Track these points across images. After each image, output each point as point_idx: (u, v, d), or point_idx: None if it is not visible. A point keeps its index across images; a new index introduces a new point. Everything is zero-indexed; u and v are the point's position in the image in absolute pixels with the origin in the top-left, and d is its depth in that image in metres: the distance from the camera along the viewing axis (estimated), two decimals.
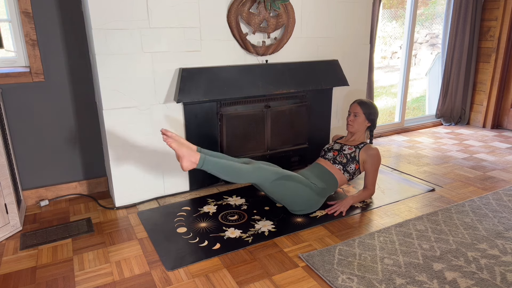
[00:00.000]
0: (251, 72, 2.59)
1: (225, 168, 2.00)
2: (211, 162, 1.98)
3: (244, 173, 2.03)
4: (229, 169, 2.00)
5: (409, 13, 3.83)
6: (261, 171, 2.07)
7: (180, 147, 1.93)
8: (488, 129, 4.23)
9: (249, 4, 2.48)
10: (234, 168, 2.01)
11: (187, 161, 1.93)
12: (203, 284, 1.69)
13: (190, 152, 1.94)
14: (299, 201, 2.20)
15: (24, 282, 1.73)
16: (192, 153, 1.94)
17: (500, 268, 1.76)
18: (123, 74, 2.26)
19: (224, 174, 2.00)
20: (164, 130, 1.93)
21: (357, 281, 1.67)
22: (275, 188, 2.12)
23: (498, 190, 2.60)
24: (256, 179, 2.06)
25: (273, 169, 2.13)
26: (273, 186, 2.11)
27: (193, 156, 1.94)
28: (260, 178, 2.07)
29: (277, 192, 2.15)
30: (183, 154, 1.92)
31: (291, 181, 2.15)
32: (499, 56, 4.01)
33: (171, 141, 1.92)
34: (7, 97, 2.30)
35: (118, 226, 2.20)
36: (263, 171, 2.08)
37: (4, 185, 2.02)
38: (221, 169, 1.99)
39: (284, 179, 2.13)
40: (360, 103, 2.44)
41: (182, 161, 1.93)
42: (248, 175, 2.04)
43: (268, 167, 2.12)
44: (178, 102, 2.36)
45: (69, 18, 2.35)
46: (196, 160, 1.95)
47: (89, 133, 2.58)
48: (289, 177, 2.15)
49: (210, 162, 1.98)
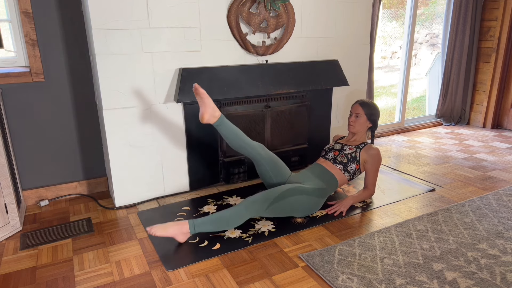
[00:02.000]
0: (251, 72, 2.59)
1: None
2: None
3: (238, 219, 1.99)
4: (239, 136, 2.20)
5: (409, 13, 3.83)
6: (252, 206, 2.02)
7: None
8: (488, 129, 4.23)
9: (249, 4, 2.48)
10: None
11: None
12: (203, 284, 1.69)
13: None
14: (298, 209, 2.19)
15: (24, 282, 1.73)
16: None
17: (500, 268, 1.76)
18: (123, 74, 2.26)
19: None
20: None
21: (357, 281, 1.67)
22: (272, 213, 2.11)
23: (498, 190, 2.60)
24: (251, 215, 2.03)
25: (263, 196, 2.06)
26: (270, 212, 2.10)
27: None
28: (254, 213, 2.04)
29: (276, 214, 2.14)
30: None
31: (284, 199, 2.10)
32: (499, 56, 4.01)
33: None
34: (7, 97, 2.30)
35: (118, 226, 2.20)
36: (254, 206, 2.02)
37: (4, 185, 2.02)
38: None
39: (278, 200, 2.08)
40: (362, 103, 2.44)
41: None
42: (242, 217, 2.00)
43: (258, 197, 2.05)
44: (178, 102, 2.36)
45: (69, 18, 2.35)
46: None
47: (89, 133, 2.58)
48: (281, 196, 2.10)
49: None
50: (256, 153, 2.24)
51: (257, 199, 2.05)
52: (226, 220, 1.98)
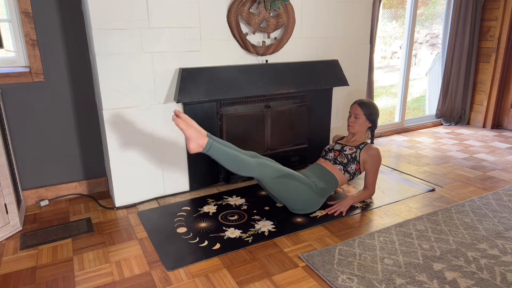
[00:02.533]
0: (251, 72, 2.59)
1: (230, 157, 2.02)
2: (217, 148, 2.00)
3: (248, 165, 2.04)
4: (234, 159, 2.02)
5: (409, 13, 3.83)
6: (264, 167, 2.08)
7: (188, 128, 1.95)
8: (488, 129, 4.23)
9: (249, 4, 2.48)
10: (238, 158, 2.03)
11: (194, 143, 1.96)
12: (203, 284, 1.69)
13: (198, 135, 1.97)
14: (299, 199, 2.19)
15: (24, 282, 1.73)
16: (200, 136, 1.97)
17: (500, 268, 1.76)
18: (123, 74, 2.26)
19: (228, 162, 2.02)
20: (178, 111, 1.97)
21: (357, 281, 1.67)
22: (276, 185, 2.12)
23: (498, 190, 2.59)
24: (258, 173, 2.07)
25: (276, 166, 2.13)
26: (274, 183, 2.11)
27: (200, 139, 1.97)
28: (262, 173, 2.08)
29: (278, 189, 2.15)
30: (190, 135, 1.95)
31: (292, 180, 2.15)
32: (499, 56, 4.01)
33: (179, 121, 1.94)
34: (7, 97, 2.30)
35: (118, 226, 2.20)
36: (266, 167, 2.09)
37: (4, 185, 2.02)
38: (226, 157, 2.01)
39: (286, 177, 2.13)
40: (361, 104, 2.44)
41: (189, 143, 1.96)
42: (250, 168, 2.05)
43: (272, 164, 2.13)
44: (178, 102, 2.36)
45: (69, 18, 2.35)
46: (203, 144, 1.97)
47: (89, 133, 2.58)
48: (290, 175, 2.16)
49: (216, 148, 2.00)
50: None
51: (272, 165, 2.10)
52: (238, 162, 2.00)
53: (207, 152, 2.00)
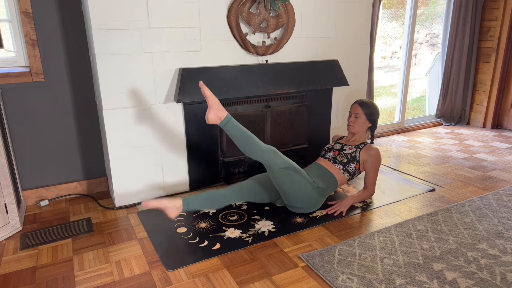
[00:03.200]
0: (251, 72, 2.59)
1: (245, 135, 2.07)
2: (234, 124, 2.06)
3: (260, 148, 2.07)
4: (248, 138, 2.07)
5: (409, 13, 3.83)
6: (274, 154, 2.11)
7: (213, 97, 2.02)
8: (488, 129, 4.23)
9: (249, 4, 2.48)
10: (252, 139, 2.08)
11: (214, 114, 2.02)
12: (203, 284, 1.69)
13: (220, 107, 2.03)
14: (300, 196, 2.19)
15: (24, 282, 1.73)
16: (221, 109, 2.03)
17: (500, 268, 1.76)
18: (123, 74, 2.26)
19: (242, 140, 2.07)
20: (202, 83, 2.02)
21: (357, 281, 1.67)
22: (281, 175, 2.12)
23: (498, 190, 2.60)
24: (267, 159, 2.09)
25: (285, 158, 2.15)
26: (280, 172, 2.12)
27: (220, 111, 2.03)
28: (271, 160, 2.10)
29: (282, 181, 2.14)
30: (213, 104, 2.01)
31: (297, 174, 2.15)
32: (499, 56, 4.01)
33: (206, 89, 2.00)
34: (7, 97, 2.30)
35: (118, 226, 2.20)
36: (276, 155, 2.11)
37: (4, 185, 2.02)
38: (241, 135, 2.06)
39: (292, 170, 2.14)
40: (361, 103, 2.44)
41: (209, 112, 2.02)
42: (261, 152, 2.08)
43: (282, 155, 2.15)
44: (178, 102, 2.37)
45: (69, 18, 2.35)
46: (222, 116, 2.03)
47: (89, 133, 2.58)
48: (297, 170, 2.16)
49: (234, 123, 2.06)
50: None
51: (281, 155, 2.13)
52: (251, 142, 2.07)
53: (224, 126, 2.06)
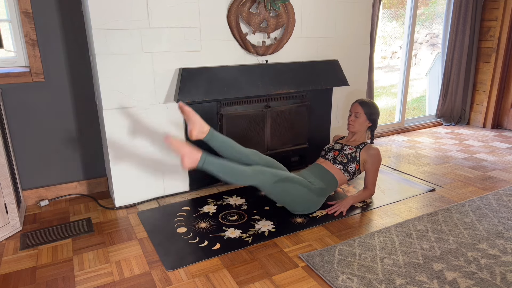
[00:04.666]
0: (251, 72, 2.59)
1: (226, 169, 2.01)
2: (211, 162, 1.99)
3: (245, 176, 2.04)
4: (230, 172, 2.02)
5: (409, 13, 3.83)
6: (261, 174, 2.08)
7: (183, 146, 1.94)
8: (488, 129, 4.23)
9: (249, 4, 2.48)
10: (234, 169, 2.03)
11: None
12: (203, 284, 1.69)
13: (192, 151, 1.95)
14: (299, 202, 2.20)
15: (24, 282, 1.73)
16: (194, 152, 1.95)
17: (500, 268, 1.76)
18: (123, 74, 2.26)
19: (225, 176, 2.03)
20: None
21: (357, 281, 1.67)
22: (274, 190, 2.13)
23: (498, 190, 2.59)
24: (257, 182, 2.08)
25: (273, 171, 2.13)
26: (272, 188, 2.12)
27: (194, 154, 1.95)
28: (260, 181, 2.08)
29: (278, 195, 2.16)
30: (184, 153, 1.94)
31: (289, 183, 2.15)
32: (499, 56, 4.01)
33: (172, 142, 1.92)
34: (7, 97, 2.30)
35: (118, 226, 2.20)
36: (263, 175, 2.08)
37: (4, 185, 2.02)
38: (222, 170, 2.01)
39: (284, 182, 2.13)
40: (362, 103, 2.44)
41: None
42: (248, 178, 2.05)
43: (268, 170, 2.12)
44: (178, 102, 2.36)
45: (69, 18, 2.35)
46: (197, 159, 1.96)
47: (89, 133, 2.58)
48: (288, 179, 2.15)
49: (210, 162, 1.99)
50: (250, 161, 2.22)
51: (267, 171, 2.11)
52: (233, 172, 2.02)
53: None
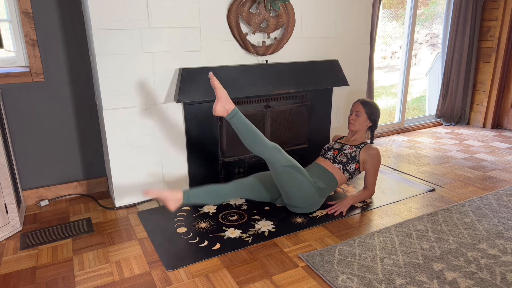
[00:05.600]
0: (251, 72, 2.59)
1: (250, 130, 2.08)
2: (241, 118, 2.08)
3: (263, 143, 2.07)
4: (253, 133, 2.07)
5: (409, 13, 3.83)
6: (277, 151, 2.10)
7: (222, 89, 2.04)
8: (488, 129, 4.23)
9: (249, 4, 2.48)
10: (257, 134, 2.08)
11: (221, 106, 2.05)
12: (203, 284, 1.69)
13: (228, 100, 2.05)
14: (301, 196, 2.18)
15: (24, 282, 1.73)
16: (229, 101, 2.06)
17: (500, 268, 1.76)
18: (123, 74, 2.26)
19: (247, 134, 2.07)
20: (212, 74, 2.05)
21: (357, 281, 1.67)
22: (283, 173, 2.12)
23: (498, 190, 2.60)
24: (270, 156, 2.09)
25: (288, 156, 2.15)
26: (282, 170, 2.11)
27: (228, 104, 2.05)
28: (274, 157, 2.09)
29: (284, 179, 2.14)
30: (221, 96, 2.03)
31: (299, 173, 2.15)
32: (499, 56, 4.01)
33: (215, 80, 2.03)
34: (7, 97, 2.30)
35: (118, 226, 2.20)
36: (279, 153, 2.11)
37: (4, 185, 2.02)
38: (246, 129, 2.08)
39: (294, 169, 2.13)
40: (363, 102, 2.45)
41: (217, 104, 2.04)
42: (265, 147, 2.08)
43: (285, 153, 2.15)
44: (178, 102, 2.37)
45: (69, 18, 2.35)
46: (230, 109, 2.05)
47: (89, 133, 2.58)
48: (299, 169, 2.16)
49: (240, 117, 2.07)
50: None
51: (284, 153, 2.13)
52: (255, 136, 2.06)
53: (230, 119, 2.08)
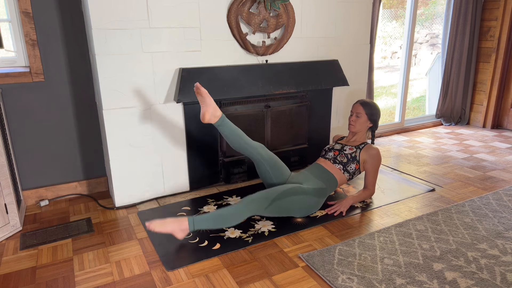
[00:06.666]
0: (251, 72, 2.59)
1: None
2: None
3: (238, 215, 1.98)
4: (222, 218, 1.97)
5: (409, 13, 3.83)
6: (252, 205, 2.02)
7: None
8: (488, 129, 4.23)
9: (249, 4, 2.48)
10: (226, 215, 1.97)
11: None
12: (203, 284, 1.69)
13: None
14: (298, 210, 2.19)
15: (24, 282, 1.73)
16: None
17: (500, 268, 1.76)
18: (123, 74, 2.26)
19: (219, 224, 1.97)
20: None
21: (357, 281, 1.67)
22: (273, 211, 2.10)
23: (498, 190, 2.59)
24: (251, 213, 2.02)
25: (263, 195, 2.06)
26: (270, 211, 2.09)
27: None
28: (254, 211, 2.03)
29: (276, 214, 2.14)
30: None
31: (284, 199, 2.10)
32: (499, 56, 4.01)
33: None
34: (7, 97, 2.30)
35: (118, 226, 2.20)
36: (254, 204, 2.02)
37: (4, 185, 2.02)
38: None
39: (277, 200, 2.08)
40: (363, 103, 2.45)
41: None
42: (241, 215, 1.99)
43: (257, 197, 2.05)
44: (178, 102, 2.36)
45: (69, 18, 2.35)
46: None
47: (89, 133, 2.58)
48: (281, 195, 2.10)
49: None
50: (256, 153, 2.25)
51: (256, 198, 2.05)
52: (226, 218, 1.97)
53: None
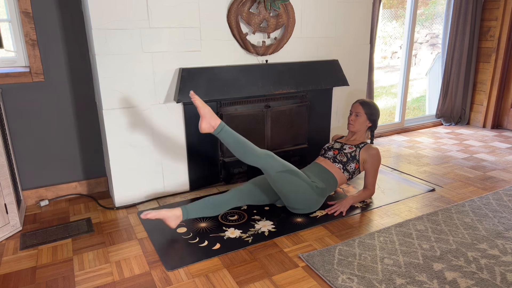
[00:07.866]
0: (251, 72, 2.59)
1: (239, 142, 2.07)
2: (228, 132, 2.06)
3: (255, 153, 2.07)
4: (243, 145, 2.06)
5: (409, 13, 3.83)
6: (270, 158, 2.10)
7: (204, 106, 2.02)
8: (488, 129, 4.23)
9: (249, 4, 2.48)
10: (247, 145, 2.07)
11: (206, 123, 2.03)
12: (203, 284, 1.69)
13: (212, 116, 2.03)
14: (300, 198, 2.19)
15: (24, 282, 1.73)
16: (213, 117, 2.04)
17: (500, 268, 1.76)
18: (123, 74, 2.26)
19: (237, 147, 2.06)
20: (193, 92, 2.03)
21: (357, 281, 1.67)
22: (279, 179, 2.12)
23: (498, 190, 2.59)
24: (263, 164, 2.08)
25: (281, 161, 2.14)
26: (277, 176, 2.11)
27: (213, 120, 2.03)
28: (267, 164, 2.09)
29: (280, 184, 2.14)
30: (205, 114, 2.02)
31: (295, 177, 2.14)
32: (499, 56, 4.01)
33: (197, 98, 2.01)
34: (7, 97, 2.30)
35: (118, 226, 2.20)
36: (272, 159, 2.10)
37: (4, 185, 2.02)
38: (235, 142, 2.06)
39: (289, 173, 2.13)
40: (362, 103, 2.45)
41: (202, 122, 2.02)
42: (256, 157, 2.07)
43: (278, 158, 2.14)
44: (178, 102, 2.37)
45: (69, 18, 2.35)
46: (216, 125, 2.04)
47: (89, 133, 2.58)
48: (294, 172, 2.15)
49: (227, 131, 2.06)
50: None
51: (277, 158, 2.12)
52: (246, 148, 2.05)
53: (218, 134, 2.06)
